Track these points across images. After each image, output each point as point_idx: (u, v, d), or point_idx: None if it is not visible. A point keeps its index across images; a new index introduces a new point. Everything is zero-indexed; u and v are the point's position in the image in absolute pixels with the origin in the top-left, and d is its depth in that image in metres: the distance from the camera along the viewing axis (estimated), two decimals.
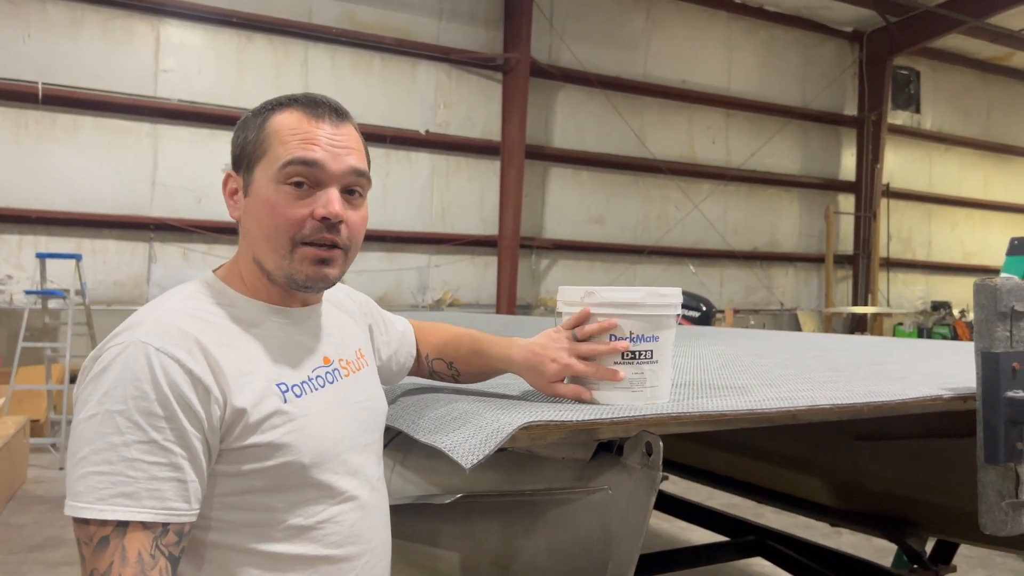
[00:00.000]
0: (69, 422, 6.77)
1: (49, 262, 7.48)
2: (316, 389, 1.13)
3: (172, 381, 0.96)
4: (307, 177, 1.09)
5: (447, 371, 1.45)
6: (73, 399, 1.02)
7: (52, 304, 7.90)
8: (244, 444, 1.02)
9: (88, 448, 0.93)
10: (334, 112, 1.14)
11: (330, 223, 1.09)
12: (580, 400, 1.23)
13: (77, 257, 7.40)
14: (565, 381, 1.25)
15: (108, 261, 8.68)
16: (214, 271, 1.19)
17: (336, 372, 1.20)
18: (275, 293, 1.15)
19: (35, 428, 6.86)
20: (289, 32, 9.39)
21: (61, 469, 6.07)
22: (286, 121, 1.11)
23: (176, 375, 0.97)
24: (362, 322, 1.38)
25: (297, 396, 1.09)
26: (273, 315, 1.15)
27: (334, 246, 1.11)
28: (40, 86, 8.15)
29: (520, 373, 1.31)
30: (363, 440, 1.21)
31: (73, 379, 7.03)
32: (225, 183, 1.18)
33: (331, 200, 1.09)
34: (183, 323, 1.03)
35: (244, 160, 1.14)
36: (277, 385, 1.08)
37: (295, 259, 1.09)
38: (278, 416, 1.05)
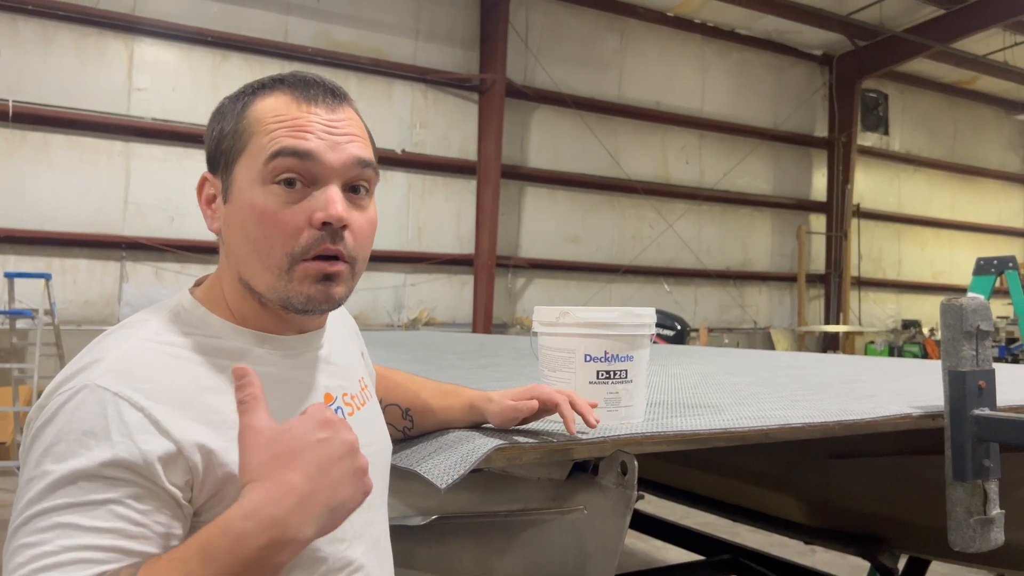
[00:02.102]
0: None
1: (18, 281, 7.36)
2: None
3: (130, 436, 0.76)
4: (300, 173, 0.88)
5: (400, 419, 1.26)
6: (21, 456, 0.84)
7: (20, 324, 7.76)
8: None
9: (21, 517, 0.74)
10: (330, 93, 0.93)
11: (333, 230, 0.89)
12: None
13: (46, 276, 7.29)
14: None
15: (78, 280, 8.56)
16: (191, 290, 0.98)
17: (339, 411, 0.99)
18: (266, 319, 0.95)
19: (1, 451, 6.72)
20: (265, 51, 9.39)
21: None
22: (270, 106, 0.91)
23: (137, 428, 0.77)
24: (357, 345, 1.20)
25: None
26: (264, 346, 0.94)
27: (337, 258, 0.91)
28: (10, 103, 8.05)
29: (492, 416, 1.20)
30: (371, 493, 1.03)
31: None
32: (200, 188, 0.96)
33: (332, 200, 0.88)
34: (152, 361, 0.83)
35: (221, 157, 0.93)
36: None
37: (293, 279, 0.89)
38: None
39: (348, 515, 0.78)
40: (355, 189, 0.93)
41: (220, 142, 0.93)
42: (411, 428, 1.25)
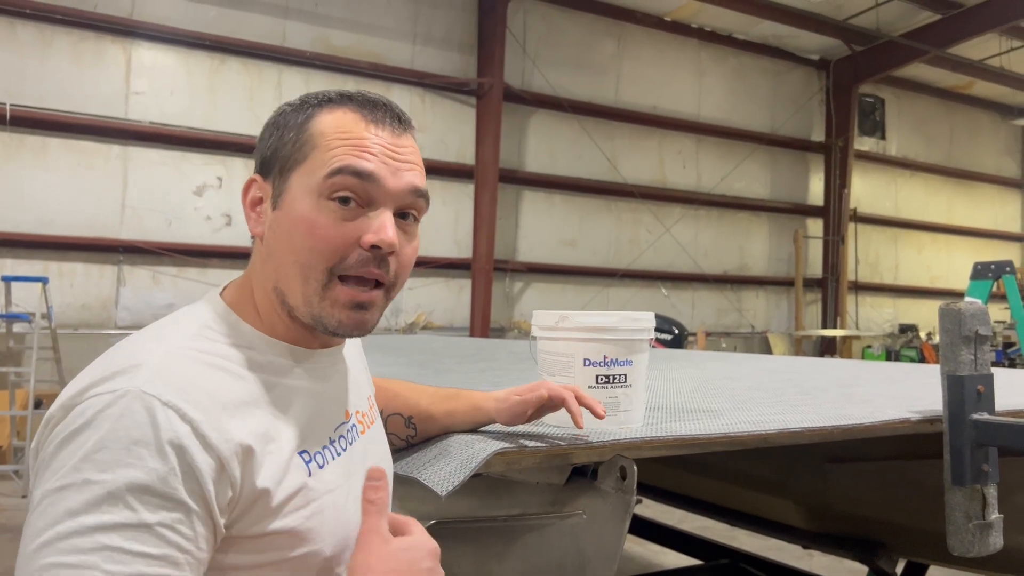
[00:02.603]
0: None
1: (14, 285, 7.35)
2: (337, 455, 0.93)
3: (182, 448, 0.73)
4: (357, 192, 0.88)
5: (403, 428, 1.24)
6: (31, 458, 0.78)
7: (17, 328, 7.76)
8: (262, 531, 0.81)
9: (53, 531, 0.68)
10: (396, 118, 0.94)
11: (381, 254, 0.89)
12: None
13: (43, 280, 7.28)
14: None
15: (75, 284, 8.54)
16: (220, 294, 0.96)
17: (354, 429, 1.00)
18: (294, 331, 0.93)
19: None
20: (263, 55, 9.38)
21: (23, 497, 5.92)
22: (336, 121, 0.91)
23: (188, 441, 0.74)
24: (363, 361, 1.19)
25: (320, 467, 0.89)
26: (296, 359, 0.93)
27: (377, 285, 0.91)
28: (8, 107, 8.04)
29: (499, 414, 1.20)
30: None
31: (38, 404, 6.92)
32: (247, 190, 0.95)
33: (385, 225, 0.88)
34: (196, 371, 0.81)
35: (277, 164, 0.92)
36: (300, 454, 0.87)
37: (327, 299, 0.89)
38: (303, 495, 0.85)
39: None
40: (404, 216, 0.93)
41: (279, 149, 0.92)
42: (414, 436, 1.24)
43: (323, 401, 0.95)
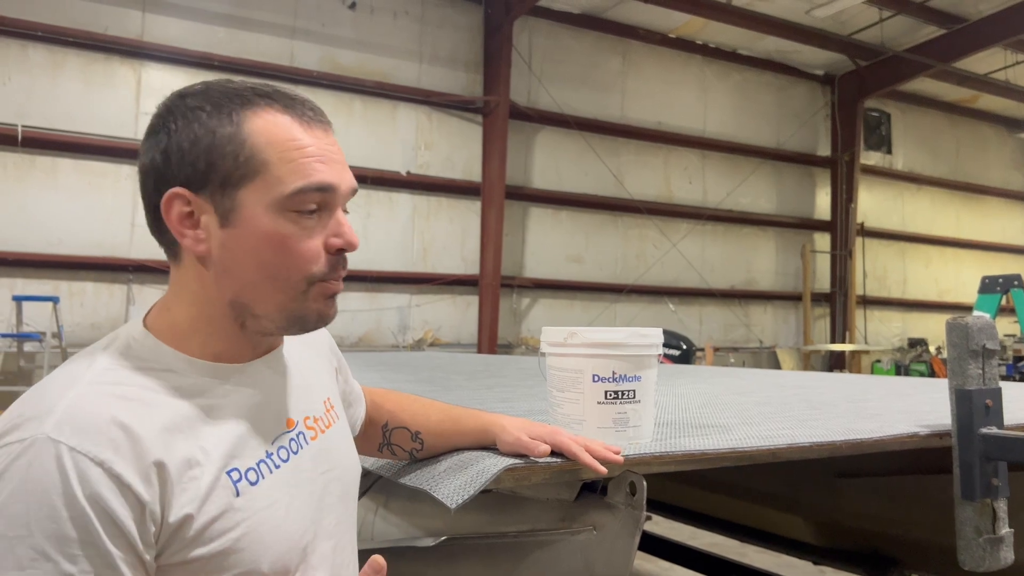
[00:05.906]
0: None
1: (25, 304, 7.40)
2: (276, 468, 0.89)
3: (94, 493, 0.72)
4: (318, 202, 0.88)
5: (409, 443, 1.23)
6: None
7: (28, 347, 7.80)
8: (188, 558, 0.78)
9: None
10: (320, 114, 0.92)
11: (345, 254, 0.91)
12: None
13: (54, 299, 7.33)
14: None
15: (86, 303, 8.59)
16: (144, 317, 0.92)
17: (300, 437, 0.95)
18: (231, 344, 0.91)
19: None
20: (271, 75, 9.46)
21: None
22: (271, 128, 0.86)
23: (99, 485, 0.72)
24: (329, 361, 1.15)
25: (252, 483, 0.84)
26: (223, 375, 0.89)
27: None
28: (19, 128, 8.13)
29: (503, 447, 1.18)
30: (333, 518, 0.97)
31: None
32: (169, 206, 0.85)
33: (348, 227, 0.90)
34: (108, 408, 0.77)
35: (215, 178, 0.85)
36: (228, 473, 0.83)
37: (308, 300, 0.89)
38: (228, 516, 0.81)
39: None
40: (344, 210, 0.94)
41: (214, 163, 0.85)
42: (420, 450, 1.23)
43: (257, 414, 0.90)
